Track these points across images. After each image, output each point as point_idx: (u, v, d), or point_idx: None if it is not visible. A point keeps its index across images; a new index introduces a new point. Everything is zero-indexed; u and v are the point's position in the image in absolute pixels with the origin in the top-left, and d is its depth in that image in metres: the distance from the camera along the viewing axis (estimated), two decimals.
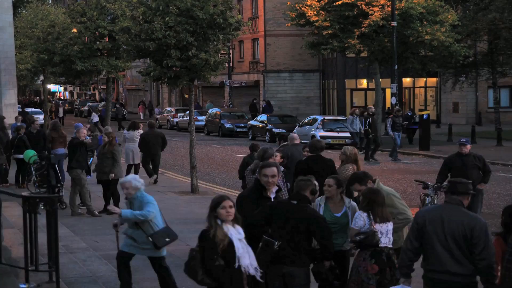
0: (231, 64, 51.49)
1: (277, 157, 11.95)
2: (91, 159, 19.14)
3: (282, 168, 12.15)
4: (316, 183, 8.14)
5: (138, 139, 21.27)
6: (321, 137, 31.33)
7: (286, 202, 8.00)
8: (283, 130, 36.71)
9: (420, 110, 45.14)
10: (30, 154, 18.16)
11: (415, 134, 34.46)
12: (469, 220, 6.58)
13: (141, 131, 21.76)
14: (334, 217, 8.25)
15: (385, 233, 7.76)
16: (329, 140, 32.69)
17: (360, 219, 7.78)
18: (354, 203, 8.48)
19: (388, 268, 7.69)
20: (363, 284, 7.73)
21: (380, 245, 7.70)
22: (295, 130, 34.99)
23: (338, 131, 34.44)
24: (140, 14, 29.62)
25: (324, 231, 7.65)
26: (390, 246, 7.80)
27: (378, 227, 7.72)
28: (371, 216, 7.76)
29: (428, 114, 34.25)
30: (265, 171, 8.00)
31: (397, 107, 33.19)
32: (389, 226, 7.82)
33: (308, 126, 35.71)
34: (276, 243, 7.42)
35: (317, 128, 34.71)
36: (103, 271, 11.04)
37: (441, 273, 6.64)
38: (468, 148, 13.66)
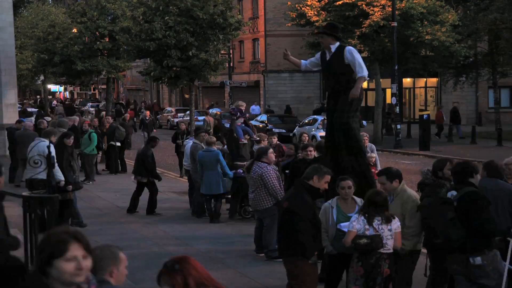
0: (231, 64, 51.43)
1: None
2: None
3: (275, 167, 12.12)
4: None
5: None
6: (322, 137, 31.29)
7: None
8: (283, 130, 36.67)
9: (421, 110, 45.10)
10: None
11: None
12: None
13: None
14: (349, 217, 8.16)
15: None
16: None
17: (357, 222, 7.73)
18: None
19: (375, 272, 7.65)
20: (349, 283, 7.87)
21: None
22: (295, 130, 34.98)
23: None
24: (140, 14, 29.70)
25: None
26: (385, 251, 7.67)
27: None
28: (368, 220, 7.69)
29: (428, 115, 34.25)
30: None
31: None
32: (386, 231, 7.68)
33: (308, 126, 35.63)
34: None
35: (317, 128, 34.63)
36: None
37: None
38: None
